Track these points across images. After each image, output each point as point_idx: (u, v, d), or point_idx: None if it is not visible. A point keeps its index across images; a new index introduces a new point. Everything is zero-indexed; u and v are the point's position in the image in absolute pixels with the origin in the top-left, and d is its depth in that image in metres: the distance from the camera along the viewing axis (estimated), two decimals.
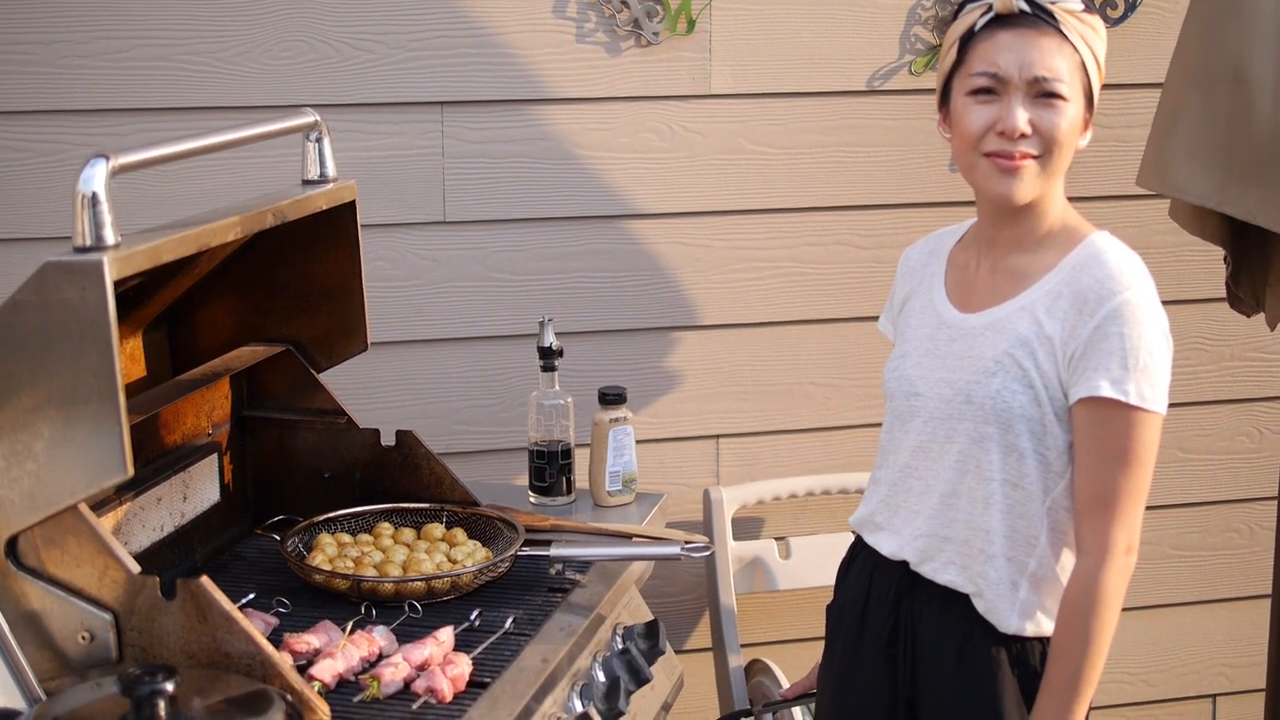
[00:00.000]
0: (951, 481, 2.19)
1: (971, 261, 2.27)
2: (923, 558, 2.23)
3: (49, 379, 1.86)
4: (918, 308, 2.32)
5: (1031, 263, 2.18)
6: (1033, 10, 2.11)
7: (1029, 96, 2.10)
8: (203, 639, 1.91)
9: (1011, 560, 2.16)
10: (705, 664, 3.34)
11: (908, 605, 2.26)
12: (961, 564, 2.19)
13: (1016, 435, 2.12)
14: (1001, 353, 2.14)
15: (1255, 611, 3.51)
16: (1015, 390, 2.12)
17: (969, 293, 2.25)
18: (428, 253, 3.13)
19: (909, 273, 2.39)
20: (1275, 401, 3.47)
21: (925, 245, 2.40)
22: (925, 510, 2.23)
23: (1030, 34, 2.11)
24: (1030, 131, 2.10)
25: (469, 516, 2.59)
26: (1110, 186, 3.34)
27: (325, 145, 2.45)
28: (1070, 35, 2.11)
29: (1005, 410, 2.12)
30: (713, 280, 3.28)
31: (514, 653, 2.21)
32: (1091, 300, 2.09)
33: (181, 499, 2.46)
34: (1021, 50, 2.10)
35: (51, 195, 2.91)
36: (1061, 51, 2.11)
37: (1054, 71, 2.10)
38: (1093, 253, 2.15)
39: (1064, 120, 2.11)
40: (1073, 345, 2.10)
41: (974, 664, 2.19)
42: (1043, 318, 2.13)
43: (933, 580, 2.22)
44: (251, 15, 2.97)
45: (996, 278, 2.22)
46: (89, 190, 1.86)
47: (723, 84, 3.19)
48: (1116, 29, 3.30)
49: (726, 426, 3.35)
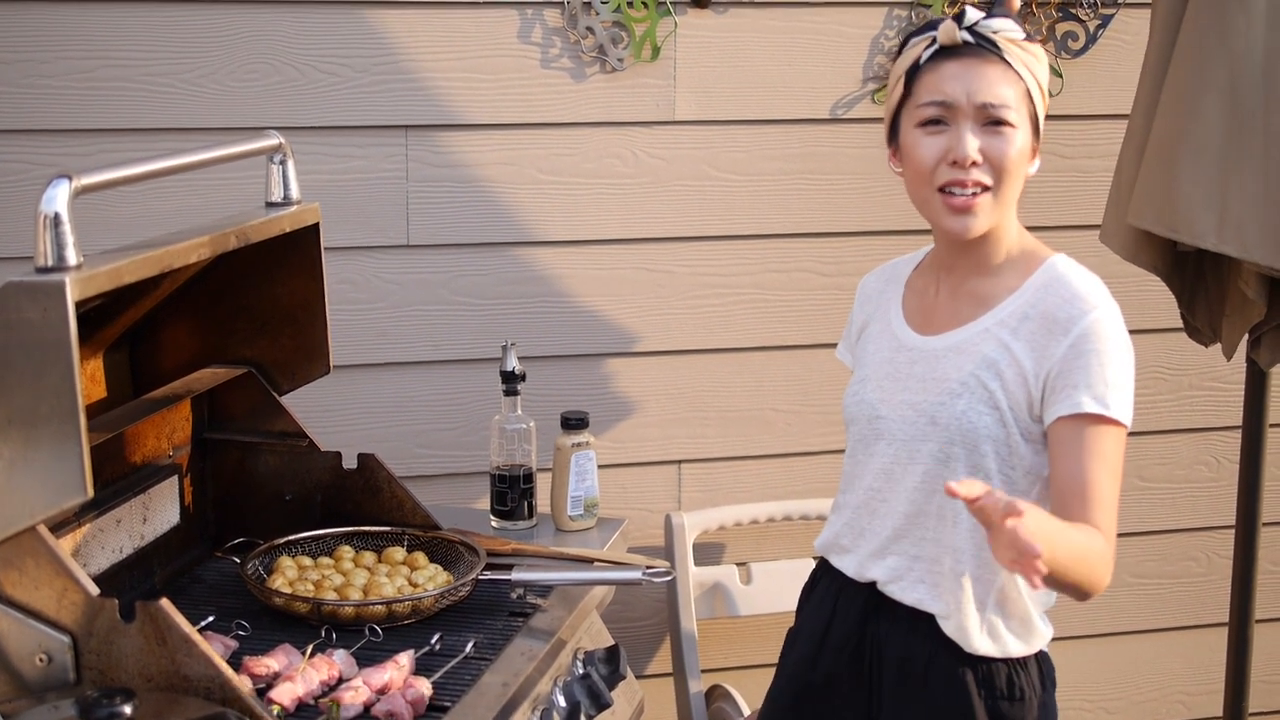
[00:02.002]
0: (917, 501, 2.20)
1: (930, 286, 2.28)
2: (891, 576, 2.23)
3: (9, 399, 1.85)
4: (875, 333, 2.33)
5: (993, 285, 2.20)
6: (976, 40, 2.13)
7: (978, 124, 2.11)
8: (161, 662, 1.91)
9: (979, 580, 2.17)
10: (666, 689, 3.34)
11: (874, 625, 2.26)
12: (931, 582, 2.20)
13: (982, 455, 2.13)
14: (967, 374, 2.15)
15: (1213, 639, 3.53)
16: (981, 411, 2.14)
17: (928, 316, 2.26)
18: (391, 276, 3.13)
19: (866, 300, 2.40)
20: (1233, 431, 3.49)
21: (882, 273, 2.41)
22: (889, 530, 2.23)
23: (975, 63, 2.12)
24: (981, 160, 2.11)
25: (430, 540, 2.58)
26: (1071, 216, 3.37)
27: (289, 168, 2.45)
28: (1014, 63, 2.13)
29: (971, 431, 2.13)
30: (676, 306, 3.28)
31: (474, 677, 2.21)
32: (1062, 320, 2.11)
33: (141, 521, 2.45)
34: (968, 79, 2.12)
35: (13, 215, 2.90)
36: (1007, 79, 2.12)
37: (1001, 98, 2.11)
38: (1055, 274, 2.16)
39: (1012, 148, 2.12)
40: (1047, 365, 2.11)
41: (940, 684, 2.19)
42: (1009, 340, 2.14)
43: (899, 600, 2.23)
44: (216, 37, 2.97)
45: (957, 301, 2.23)
46: (51, 210, 1.85)
47: (687, 111, 3.21)
48: (1078, 60, 3.34)
49: (688, 452, 3.36)
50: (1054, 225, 3.26)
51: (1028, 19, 3.28)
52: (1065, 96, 3.34)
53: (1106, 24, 3.33)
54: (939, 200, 2.14)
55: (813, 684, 2.34)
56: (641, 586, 2.63)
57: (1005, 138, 2.12)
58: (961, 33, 2.13)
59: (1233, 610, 3.07)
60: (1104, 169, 3.38)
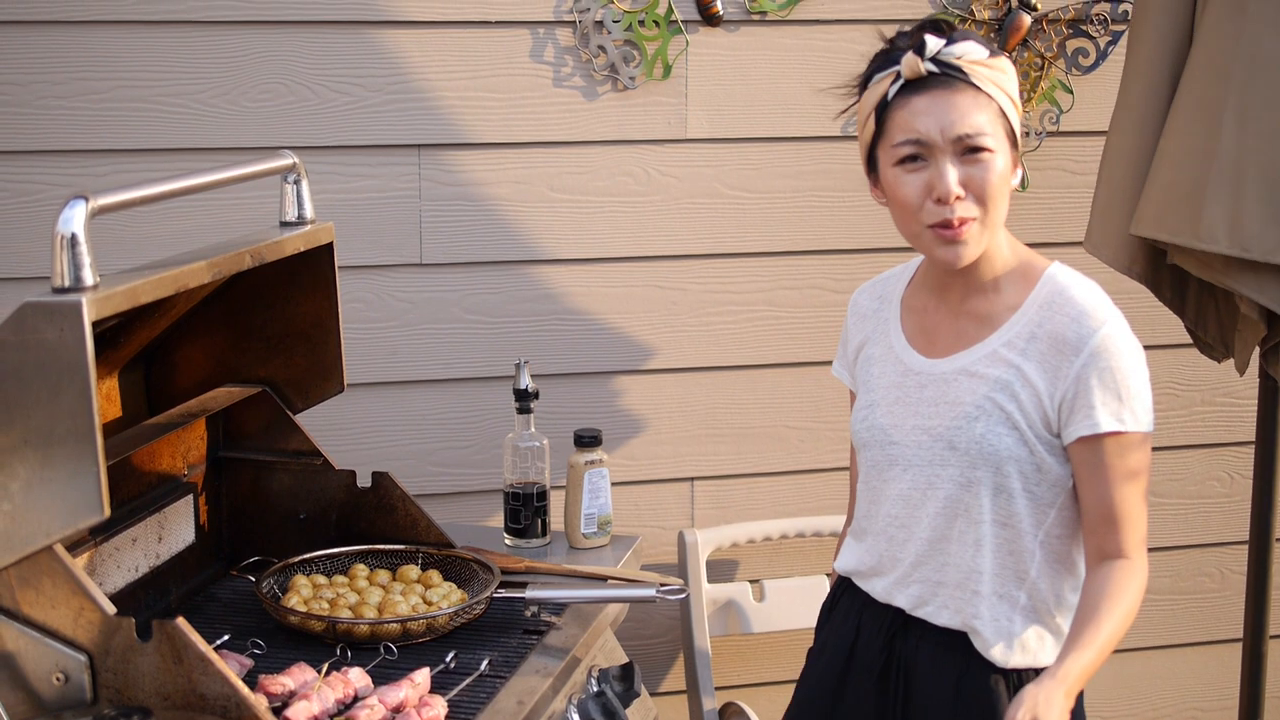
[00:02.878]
0: (940, 527, 2.19)
1: (929, 305, 2.27)
2: (917, 603, 2.23)
3: (26, 419, 1.86)
4: (877, 355, 2.31)
5: (994, 304, 2.19)
6: (941, 70, 2.10)
7: (956, 155, 2.09)
8: (178, 680, 1.91)
9: (1002, 597, 2.17)
10: (680, 706, 3.34)
11: (901, 643, 2.25)
12: (955, 607, 2.19)
13: (1006, 476, 2.13)
14: (981, 397, 2.15)
15: (1226, 655, 3.53)
16: (1000, 433, 2.13)
17: (931, 338, 2.25)
18: (404, 295, 3.14)
19: (860, 319, 2.38)
20: (1245, 446, 3.49)
21: (873, 290, 2.39)
22: (913, 556, 2.22)
23: (944, 94, 2.09)
24: (964, 193, 2.09)
25: (444, 558, 2.59)
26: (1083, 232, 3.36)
27: (303, 187, 2.46)
28: (983, 86, 2.09)
29: (993, 453, 2.13)
30: (688, 323, 3.29)
31: (489, 695, 2.21)
32: (1072, 340, 2.11)
33: (157, 540, 2.46)
34: (940, 113, 2.08)
35: (30, 235, 2.92)
36: (978, 104, 2.09)
37: (976, 127, 2.08)
38: (1056, 289, 2.16)
39: (993, 174, 2.10)
40: (1061, 387, 2.11)
41: (972, 699, 2.19)
42: (1018, 360, 2.14)
43: (928, 621, 2.22)
44: (230, 58, 2.99)
45: (960, 322, 2.22)
46: (68, 231, 1.86)
47: (699, 128, 3.22)
48: (1088, 76, 3.34)
49: (701, 469, 3.36)
50: (1064, 242, 3.26)
51: (1038, 35, 3.29)
52: (1076, 112, 3.34)
53: (1117, 40, 3.33)
54: (929, 234, 2.13)
55: (837, 703, 2.33)
56: (655, 604, 2.63)
57: (985, 165, 2.09)
58: (925, 64, 2.09)
59: (1247, 626, 3.06)
60: None
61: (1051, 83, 3.33)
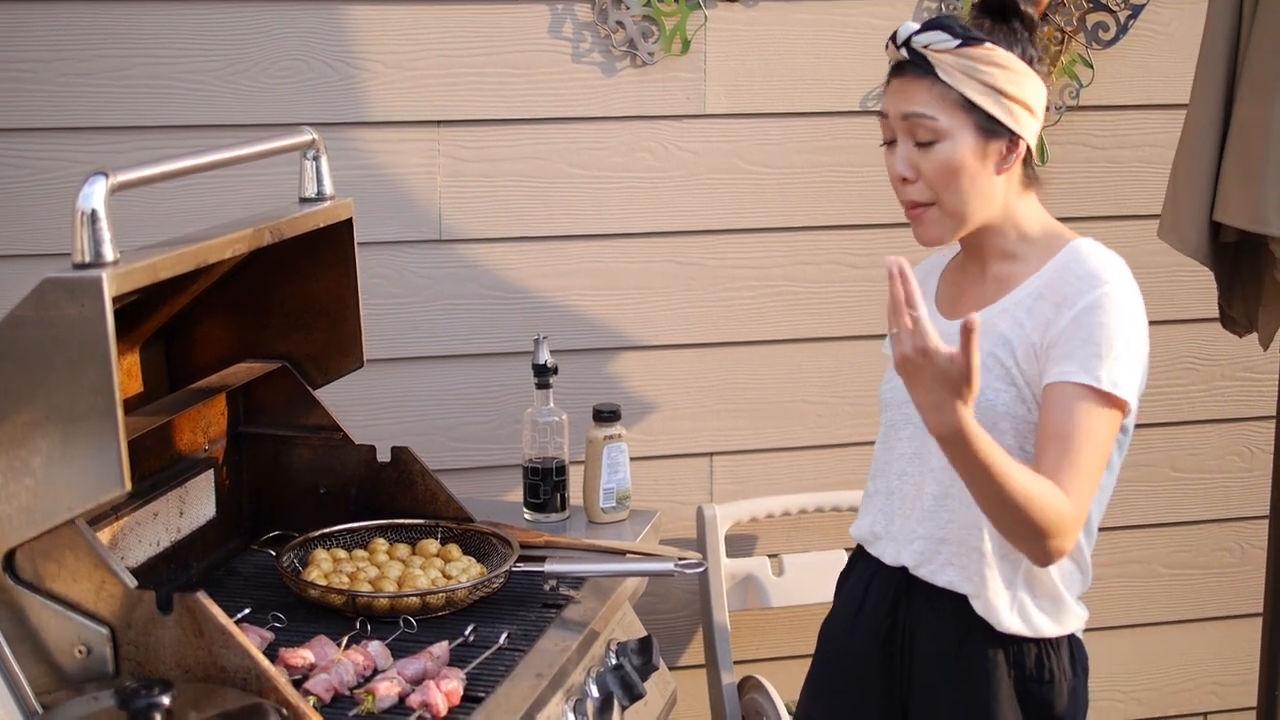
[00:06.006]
0: (944, 483, 2.21)
1: (960, 274, 2.33)
2: (920, 560, 2.25)
3: (48, 395, 1.87)
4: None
5: (1014, 268, 2.23)
6: (910, 57, 2.16)
7: (910, 141, 2.17)
8: (199, 653, 1.92)
9: (1005, 559, 2.19)
10: (699, 681, 3.35)
11: (905, 607, 2.29)
12: (959, 564, 2.21)
13: (1001, 433, 2.13)
14: (985, 353, 2.16)
15: (1246, 630, 3.52)
16: (999, 389, 2.15)
17: (957, 301, 2.29)
18: (424, 270, 3.15)
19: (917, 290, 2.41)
20: (1266, 421, 3.48)
21: (921, 268, 2.42)
22: (918, 513, 2.26)
23: (905, 80, 2.17)
24: (913, 176, 2.17)
25: (464, 532, 2.60)
26: (1104, 207, 3.37)
27: (323, 163, 2.47)
28: (945, 74, 2.13)
29: (989, 408, 2.14)
30: (707, 299, 3.29)
31: (508, 668, 2.22)
32: (1071, 295, 2.13)
33: (178, 514, 2.47)
34: (896, 95, 2.18)
35: (50, 212, 2.93)
36: (932, 92, 2.14)
37: (918, 112, 2.14)
38: (1075, 256, 2.18)
39: (937, 163, 2.15)
40: (1050, 335, 2.13)
41: (971, 663, 2.22)
42: (1023, 317, 2.17)
43: (931, 582, 2.25)
44: (249, 34, 2.99)
45: (985, 286, 2.26)
46: (88, 207, 1.87)
47: (717, 104, 3.21)
48: (1107, 52, 3.33)
49: (720, 444, 3.37)
50: (1087, 216, 3.26)
51: (1058, 10, 3.27)
52: (1096, 87, 3.33)
53: (1137, 14, 3.32)
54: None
55: (845, 666, 2.36)
56: (674, 578, 2.64)
57: (929, 153, 2.15)
58: (900, 51, 2.17)
59: (1267, 601, 3.06)
60: (1136, 159, 3.39)
61: (1071, 57, 3.31)
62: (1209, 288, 2.96)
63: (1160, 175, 2.95)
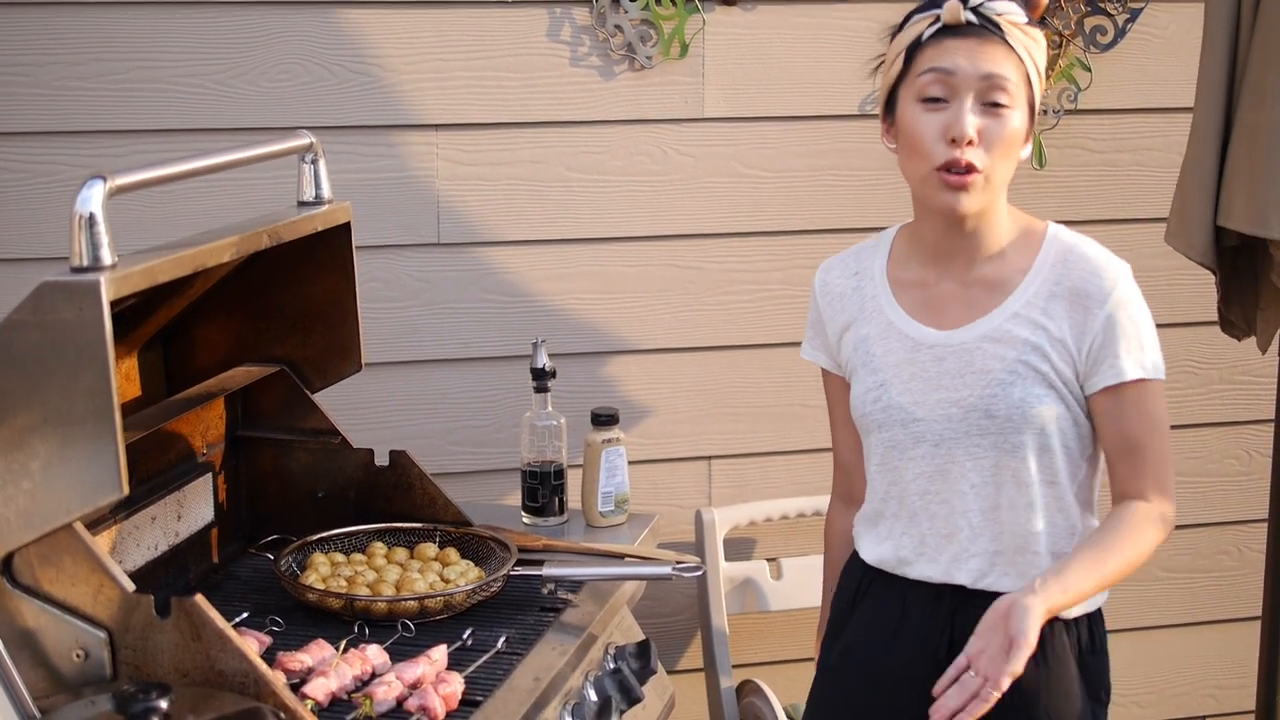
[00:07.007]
0: (990, 496, 2.19)
1: (927, 277, 2.25)
2: (978, 576, 2.21)
3: (45, 398, 1.87)
4: (874, 334, 2.28)
5: (1002, 269, 2.20)
6: (980, 21, 2.13)
7: (977, 102, 2.11)
8: (197, 657, 1.92)
9: (1056, 555, 2.19)
10: (697, 684, 3.35)
11: (962, 619, 2.19)
12: (1017, 571, 2.19)
13: (1048, 436, 2.16)
14: (1013, 361, 2.15)
15: (1245, 633, 3.52)
16: (1040, 394, 2.15)
17: (938, 310, 2.24)
18: (422, 274, 3.15)
19: (837, 299, 2.35)
20: (1264, 425, 3.48)
21: (843, 268, 2.37)
22: (967, 531, 2.21)
23: (978, 42, 2.12)
24: (978, 140, 2.11)
25: (462, 536, 2.60)
26: (1101, 210, 3.37)
27: (320, 167, 2.47)
28: (1016, 46, 2.13)
29: (1036, 416, 2.15)
30: (705, 302, 3.29)
31: (506, 671, 2.22)
32: (1094, 294, 2.15)
33: (176, 518, 2.47)
34: (971, 54, 2.12)
35: (48, 216, 2.93)
36: (1009, 59, 2.13)
37: (1003, 73, 2.12)
38: (1065, 247, 2.20)
39: (1007, 129, 2.12)
40: (1089, 339, 2.14)
41: (1045, 651, 2.17)
42: (1042, 319, 2.16)
43: (992, 591, 2.17)
44: (247, 38, 2.99)
45: (970, 291, 2.22)
46: (86, 211, 1.87)
47: (715, 108, 3.22)
48: (1105, 54, 3.33)
49: (718, 448, 3.37)
50: (1085, 220, 3.25)
51: (1056, 13, 3.28)
52: (1093, 91, 3.33)
53: (1135, 18, 3.32)
54: (935, 177, 2.14)
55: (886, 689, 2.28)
56: (672, 582, 2.64)
57: (1002, 119, 2.12)
58: (966, 13, 2.13)
59: (1265, 604, 3.06)
60: (1133, 163, 3.39)
61: (1070, 60, 3.32)
62: (1207, 291, 2.96)
63: (1158, 179, 2.96)
